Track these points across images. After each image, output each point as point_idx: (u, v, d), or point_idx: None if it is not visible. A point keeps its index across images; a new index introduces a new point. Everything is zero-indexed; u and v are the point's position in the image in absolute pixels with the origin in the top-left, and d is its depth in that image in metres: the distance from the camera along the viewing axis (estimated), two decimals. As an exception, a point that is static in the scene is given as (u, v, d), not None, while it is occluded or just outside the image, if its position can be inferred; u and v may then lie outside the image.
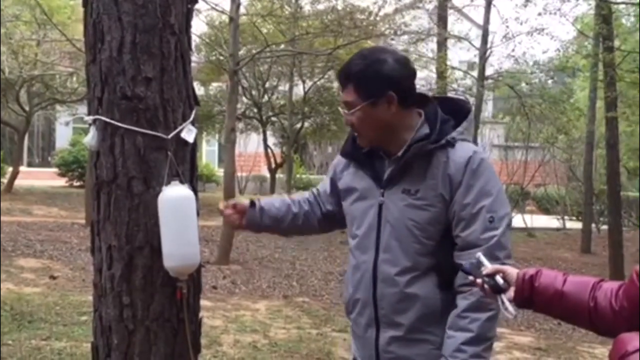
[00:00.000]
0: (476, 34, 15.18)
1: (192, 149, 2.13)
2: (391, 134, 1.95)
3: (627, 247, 12.27)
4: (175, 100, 2.05)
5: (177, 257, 1.96)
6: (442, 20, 14.21)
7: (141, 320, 2.02)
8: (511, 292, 1.63)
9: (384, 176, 1.98)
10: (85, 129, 2.15)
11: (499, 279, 1.65)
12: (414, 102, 1.97)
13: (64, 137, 23.11)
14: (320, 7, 13.04)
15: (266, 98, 17.11)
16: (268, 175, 19.00)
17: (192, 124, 2.10)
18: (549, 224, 19.62)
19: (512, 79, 14.75)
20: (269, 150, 17.63)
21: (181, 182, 2.01)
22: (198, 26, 14.74)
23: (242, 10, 11.36)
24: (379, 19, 13.46)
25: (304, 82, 16.26)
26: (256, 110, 17.14)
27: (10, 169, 16.88)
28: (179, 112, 2.06)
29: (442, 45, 14.15)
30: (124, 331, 2.03)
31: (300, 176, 21.70)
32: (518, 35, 13.95)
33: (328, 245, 12.76)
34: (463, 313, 1.84)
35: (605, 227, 14.50)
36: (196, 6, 2.23)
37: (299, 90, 16.43)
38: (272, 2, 12.82)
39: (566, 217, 20.41)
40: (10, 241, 9.57)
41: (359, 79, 1.91)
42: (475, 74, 13.96)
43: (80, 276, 7.90)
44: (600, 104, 15.05)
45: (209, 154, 26.06)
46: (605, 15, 11.37)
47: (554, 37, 17.58)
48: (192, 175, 2.12)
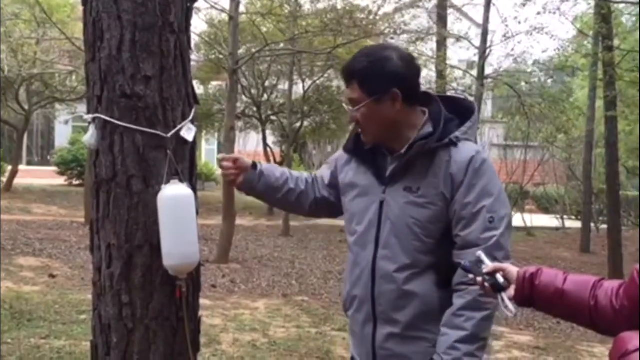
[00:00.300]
0: (476, 33, 15.15)
1: (192, 148, 2.12)
2: (395, 131, 1.95)
3: (626, 247, 12.28)
4: (174, 98, 2.05)
5: (177, 256, 1.96)
6: (442, 20, 14.19)
7: (140, 319, 2.02)
8: (511, 291, 1.63)
9: (386, 173, 1.98)
10: (84, 128, 2.14)
11: (499, 277, 1.65)
12: (418, 100, 1.98)
13: (63, 135, 23.07)
14: (320, 6, 13.03)
15: (265, 97, 17.10)
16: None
17: (192, 122, 2.10)
18: (548, 223, 19.63)
19: (512, 78, 14.75)
20: (268, 149, 17.61)
21: (180, 180, 2.00)
22: (198, 25, 14.79)
23: (241, 9, 11.36)
24: (378, 18, 13.45)
25: (303, 81, 16.25)
26: (255, 109, 17.13)
27: (10, 167, 16.87)
28: (179, 110, 2.06)
29: (441, 45, 14.14)
30: (123, 330, 2.02)
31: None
32: (517, 34, 13.96)
33: (327, 245, 12.76)
34: (458, 311, 1.84)
35: (604, 226, 14.50)
36: (196, 5, 2.23)
37: (299, 89, 16.42)
38: (271, 1, 12.79)
39: (565, 217, 20.44)
40: (9, 240, 9.57)
41: (363, 75, 1.91)
42: (474, 73, 13.95)
43: (79, 275, 7.90)
44: (600, 103, 15.05)
45: (208, 153, 26.03)
46: (605, 15, 11.36)
47: (553, 36, 17.70)
48: (191, 174, 2.12)
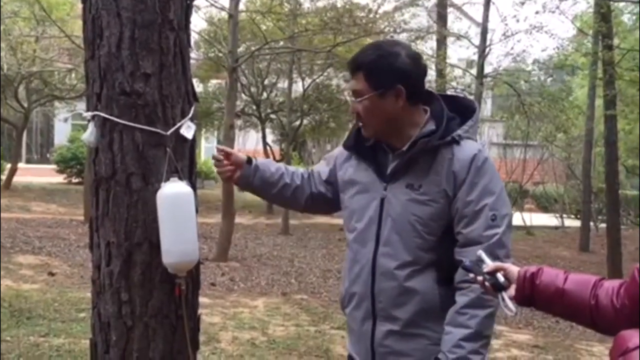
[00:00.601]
0: (475, 31, 15.16)
1: (191, 146, 2.12)
2: (396, 128, 1.95)
3: (625, 245, 12.28)
4: (174, 96, 2.04)
5: (176, 254, 1.96)
6: (442, 18, 14.18)
7: (140, 316, 2.01)
8: (512, 290, 1.63)
9: (387, 170, 1.98)
10: (84, 126, 2.13)
11: (499, 277, 1.65)
12: (422, 100, 1.98)
13: (62, 133, 23.07)
14: (320, 4, 13.03)
15: (265, 95, 17.09)
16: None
17: (191, 120, 2.09)
18: (547, 222, 19.65)
19: (511, 77, 14.74)
20: (267, 148, 17.61)
21: (180, 178, 2.00)
22: (197, 23, 14.81)
23: (241, 7, 11.35)
24: (378, 16, 13.45)
25: (303, 79, 16.24)
26: (255, 108, 17.13)
27: (9, 165, 16.87)
28: (178, 108, 2.06)
29: (441, 43, 14.12)
30: (123, 327, 2.02)
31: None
32: (517, 33, 13.91)
33: (327, 243, 12.77)
34: (462, 309, 1.84)
35: (603, 225, 14.50)
36: (195, 2, 2.23)
37: (298, 87, 16.41)
38: (271, -1, 12.79)
39: (565, 215, 20.46)
40: (8, 238, 9.57)
41: (370, 68, 1.91)
42: (474, 72, 13.94)
43: (78, 273, 7.90)
44: (599, 102, 15.05)
45: (207, 151, 25.98)
46: (605, 13, 11.35)
47: (553, 35, 17.66)
48: (191, 172, 2.11)
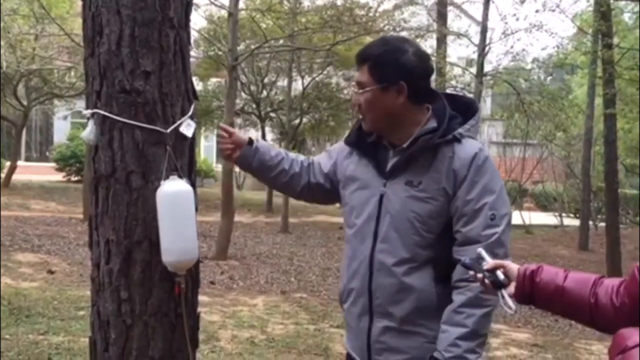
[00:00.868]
0: (475, 30, 15.16)
1: (191, 144, 2.11)
2: (395, 124, 1.96)
3: (624, 244, 12.29)
4: (174, 94, 2.04)
5: (176, 252, 1.96)
6: (441, 17, 14.18)
7: (139, 315, 2.01)
8: (512, 288, 1.63)
9: (387, 167, 1.98)
10: (83, 124, 2.13)
11: (499, 274, 1.65)
12: (426, 100, 1.98)
13: (62, 131, 23.04)
14: (320, 2, 13.05)
15: (265, 93, 17.09)
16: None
17: (191, 118, 2.09)
18: (546, 221, 19.66)
19: (511, 75, 14.72)
20: (267, 146, 17.58)
21: (180, 176, 1.99)
22: (197, 21, 14.75)
23: (241, 5, 11.34)
24: (378, 15, 13.46)
25: (302, 77, 16.24)
26: (255, 106, 17.12)
27: (8, 163, 16.85)
28: (178, 106, 2.05)
29: (441, 42, 14.12)
30: (122, 326, 2.02)
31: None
32: (517, 31, 13.92)
33: (326, 241, 12.78)
34: (459, 308, 1.85)
35: (602, 224, 14.51)
36: (195, 1, 2.22)
37: (298, 85, 16.41)
38: (271, -3, 12.79)
39: (564, 214, 20.46)
40: (8, 236, 9.56)
41: (376, 61, 1.93)
42: (473, 70, 13.94)
43: (78, 271, 7.90)
44: (599, 101, 15.05)
45: (207, 150, 25.99)
46: (605, 12, 11.35)
47: (552, 33, 17.64)
48: (190, 170, 2.11)
